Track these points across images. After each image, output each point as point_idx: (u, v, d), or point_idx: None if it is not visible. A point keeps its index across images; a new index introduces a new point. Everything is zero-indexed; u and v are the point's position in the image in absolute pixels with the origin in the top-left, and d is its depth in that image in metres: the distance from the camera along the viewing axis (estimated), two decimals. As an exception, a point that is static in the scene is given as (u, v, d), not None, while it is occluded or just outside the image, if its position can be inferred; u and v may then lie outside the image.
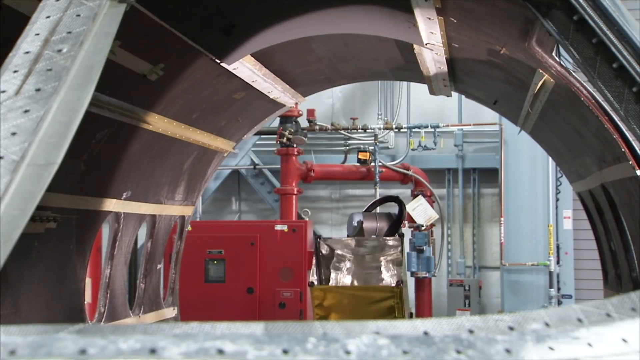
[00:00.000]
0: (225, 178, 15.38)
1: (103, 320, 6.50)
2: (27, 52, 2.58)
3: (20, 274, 5.19)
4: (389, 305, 8.22)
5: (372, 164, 13.94)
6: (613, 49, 3.31)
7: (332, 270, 8.85)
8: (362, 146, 14.55)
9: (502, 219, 13.56)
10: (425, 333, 1.72)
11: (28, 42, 2.62)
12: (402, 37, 5.93)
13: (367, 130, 14.61)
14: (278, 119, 13.10)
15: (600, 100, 4.35)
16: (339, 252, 8.85)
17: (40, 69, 2.50)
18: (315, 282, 8.48)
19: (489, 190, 15.13)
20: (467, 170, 15.18)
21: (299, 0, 5.63)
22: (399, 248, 8.73)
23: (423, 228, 13.19)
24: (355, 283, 8.79)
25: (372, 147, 14.16)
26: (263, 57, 6.46)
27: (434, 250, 13.66)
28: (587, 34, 3.38)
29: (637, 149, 4.07)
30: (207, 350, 1.58)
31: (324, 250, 8.83)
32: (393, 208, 9.75)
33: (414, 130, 14.54)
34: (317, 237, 8.92)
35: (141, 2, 4.33)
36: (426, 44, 5.81)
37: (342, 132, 14.86)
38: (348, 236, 9.19)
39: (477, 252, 15.08)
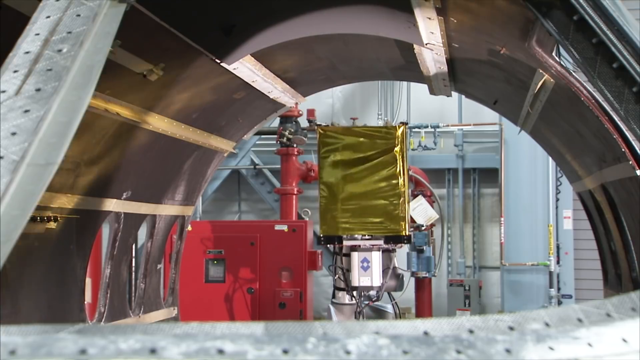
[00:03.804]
0: (225, 178, 15.38)
1: (103, 320, 6.50)
2: (27, 52, 2.58)
3: (20, 274, 5.19)
4: (391, 157, 8.48)
5: (372, 164, 13.91)
6: (613, 49, 3.31)
7: None
8: (362, 146, 14.53)
9: (502, 219, 13.56)
10: (425, 333, 1.72)
11: (28, 42, 2.62)
12: (402, 37, 5.93)
13: (367, 130, 14.60)
14: (278, 119, 13.09)
15: (600, 100, 4.35)
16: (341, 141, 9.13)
17: (40, 69, 2.49)
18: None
19: (489, 190, 15.12)
20: (467, 170, 15.17)
21: (299, 0, 5.63)
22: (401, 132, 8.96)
23: (423, 228, 13.15)
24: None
25: (372, 147, 14.14)
26: (263, 57, 6.46)
27: (434, 250, 13.63)
28: (587, 34, 3.37)
29: (637, 149, 4.07)
30: (207, 350, 1.58)
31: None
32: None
33: (414, 130, 14.54)
34: (318, 125, 9.24)
35: (141, 2, 4.33)
36: (426, 44, 5.80)
37: (342, 132, 14.85)
38: None
39: (477, 252, 15.08)
